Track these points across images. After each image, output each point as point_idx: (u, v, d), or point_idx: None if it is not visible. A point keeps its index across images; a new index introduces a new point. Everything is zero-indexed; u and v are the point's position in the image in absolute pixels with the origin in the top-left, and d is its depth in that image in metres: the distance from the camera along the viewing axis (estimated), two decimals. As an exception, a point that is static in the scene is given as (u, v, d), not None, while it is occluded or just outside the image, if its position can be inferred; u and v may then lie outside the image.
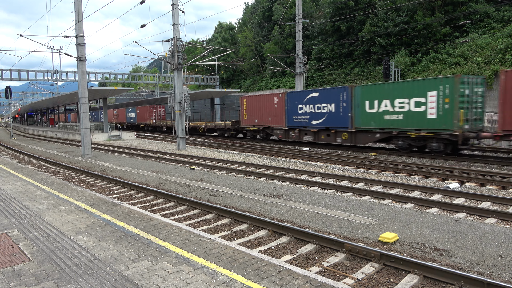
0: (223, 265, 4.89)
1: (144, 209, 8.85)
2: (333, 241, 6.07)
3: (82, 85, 19.73)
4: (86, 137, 19.89)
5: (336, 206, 8.43)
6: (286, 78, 47.26)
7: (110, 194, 10.96)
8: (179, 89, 22.32)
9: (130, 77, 57.75)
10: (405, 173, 12.96)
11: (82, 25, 19.03)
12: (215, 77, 57.74)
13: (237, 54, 58.11)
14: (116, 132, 35.44)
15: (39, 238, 6.11)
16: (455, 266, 5.23)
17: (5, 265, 5.03)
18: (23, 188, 10.55)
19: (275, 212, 8.11)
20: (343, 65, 40.54)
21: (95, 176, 13.76)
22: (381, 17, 35.13)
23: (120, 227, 6.61)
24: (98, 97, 40.69)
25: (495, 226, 6.89)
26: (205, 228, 7.47)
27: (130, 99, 73.19)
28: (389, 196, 9.48)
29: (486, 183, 10.91)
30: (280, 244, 6.42)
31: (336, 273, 5.23)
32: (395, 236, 6.24)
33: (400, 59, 32.82)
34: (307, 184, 11.44)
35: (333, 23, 40.51)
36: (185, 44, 22.36)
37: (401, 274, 5.16)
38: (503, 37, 27.56)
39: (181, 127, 22.62)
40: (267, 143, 25.80)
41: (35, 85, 66.32)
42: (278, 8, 48.60)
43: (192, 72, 66.46)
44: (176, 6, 21.33)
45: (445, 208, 8.39)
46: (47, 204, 8.47)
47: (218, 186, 11.20)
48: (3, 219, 7.29)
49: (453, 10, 32.28)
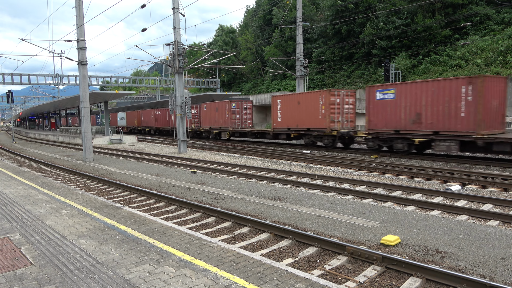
0: (225, 268, 4.88)
1: (146, 212, 8.85)
2: (334, 244, 6.06)
3: (83, 89, 19.80)
4: (88, 140, 19.93)
5: (338, 209, 8.42)
6: (287, 81, 47.34)
7: (111, 197, 10.96)
8: (180, 92, 22.36)
9: (131, 81, 57.96)
10: (407, 175, 12.95)
11: (83, 29, 19.12)
12: (216, 80, 57.87)
13: (238, 57, 58.26)
14: (117, 135, 35.50)
15: (41, 242, 6.11)
16: (457, 269, 5.21)
17: (7, 269, 5.03)
18: (25, 192, 10.56)
19: (276, 215, 8.10)
20: (344, 67, 40.60)
21: (96, 180, 13.77)
22: (382, 20, 35.20)
23: (121, 231, 6.62)
24: (99, 101, 40.85)
25: (497, 228, 6.87)
26: (206, 231, 7.47)
27: (131, 103, 73.36)
28: (390, 198, 9.47)
29: (488, 185, 10.88)
30: (282, 247, 6.41)
31: (338, 276, 5.22)
32: (397, 238, 6.23)
33: (400, 62, 32.87)
34: (309, 187, 11.43)
35: (334, 26, 40.61)
36: (186, 48, 22.42)
37: (403, 277, 5.15)
38: (504, 39, 27.58)
39: (182, 130, 22.65)
40: (269, 146, 25.77)
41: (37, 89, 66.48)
42: (278, 11, 48.76)
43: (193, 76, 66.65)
44: (177, 10, 21.41)
45: (447, 211, 8.37)
46: (49, 208, 8.48)
47: (220, 189, 11.20)
48: (5, 223, 7.30)
49: (453, 12, 32.33)
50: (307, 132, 23.12)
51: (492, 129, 15.27)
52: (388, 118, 17.95)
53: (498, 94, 15.49)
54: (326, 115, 21.54)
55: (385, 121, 18.09)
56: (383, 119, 18.20)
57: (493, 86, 15.27)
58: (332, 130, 21.35)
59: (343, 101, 22.03)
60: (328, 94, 21.44)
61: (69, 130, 44.64)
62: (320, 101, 21.93)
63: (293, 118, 24.08)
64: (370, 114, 18.81)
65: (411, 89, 16.94)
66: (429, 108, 16.13)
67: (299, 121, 23.62)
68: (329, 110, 21.41)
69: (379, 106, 18.35)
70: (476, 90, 14.68)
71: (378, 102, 18.43)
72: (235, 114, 31.73)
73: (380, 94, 18.39)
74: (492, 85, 15.17)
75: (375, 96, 18.58)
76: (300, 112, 23.41)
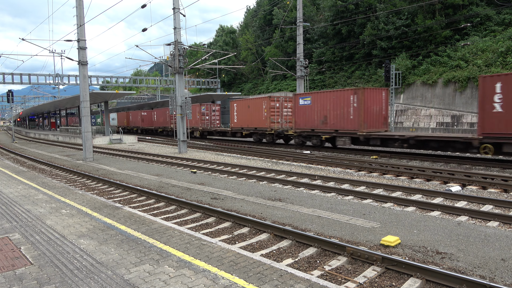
0: (225, 269, 4.88)
1: (146, 212, 8.85)
2: (334, 244, 6.05)
3: (83, 89, 19.80)
4: (88, 140, 19.93)
5: (338, 210, 8.42)
6: (287, 81, 47.35)
7: (111, 197, 10.96)
8: (180, 92, 22.36)
9: (131, 81, 57.99)
10: (407, 176, 12.94)
11: (83, 29, 19.12)
12: (216, 80, 57.89)
13: (238, 57, 58.28)
14: (118, 135, 35.50)
15: (41, 242, 6.11)
16: (457, 270, 5.21)
17: (6, 269, 5.03)
18: (25, 191, 10.56)
19: (276, 216, 8.10)
20: (344, 68, 40.60)
21: (96, 180, 13.77)
22: (382, 20, 35.20)
23: (121, 231, 6.61)
24: (100, 101, 40.85)
25: (497, 229, 6.87)
26: (206, 231, 7.47)
27: (131, 103, 73.43)
28: (390, 199, 9.46)
29: (488, 186, 10.88)
30: (282, 248, 6.41)
31: (338, 277, 5.22)
32: (397, 239, 6.22)
33: (401, 62, 32.87)
34: (309, 187, 11.43)
35: (334, 26, 40.62)
36: (186, 48, 22.42)
37: (403, 277, 5.15)
38: (504, 40, 27.59)
39: (182, 131, 22.65)
40: (269, 146, 25.82)
41: (37, 89, 66.54)
42: (279, 12, 48.77)
43: (193, 76, 66.67)
44: (177, 10, 21.41)
45: (447, 211, 8.37)
46: (49, 208, 8.48)
47: (219, 189, 11.20)
48: (5, 222, 7.29)
49: (454, 13, 32.33)
50: (255, 131, 27.82)
51: (374, 128, 19.55)
52: (307, 119, 22.37)
53: (379, 101, 19.74)
54: (267, 117, 26.14)
55: (305, 122, 22.53)
56: (304, 120, 22.62)
57: (374, 95, 19.52)
58: (272, 129, 26.06)
59: (282, 106, 26.58)
60: (269, 100, 26.03)
61: (69, 130, 44.65)
62: (263, 106, 26.34)
63: (245, 119, 28.76)
64: (296, 116, 23.27)
65: (321, 97, 21.46)
66: (332, 112, 20.67)
67: (249, 121, 28.17)
68: (269, 113, 25.97)
69: (301, 110, 22.73)
70: (359, 99, 18.98)
71: (300, 107, 22.80)
72: (205, 115, 36.76)
73: (302, 101, 22.68)
74: (372, 95, 19.40)
75: (298, 102, 22.85)
76: (250, 114, 27.96)
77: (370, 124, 19.25)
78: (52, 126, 66.13)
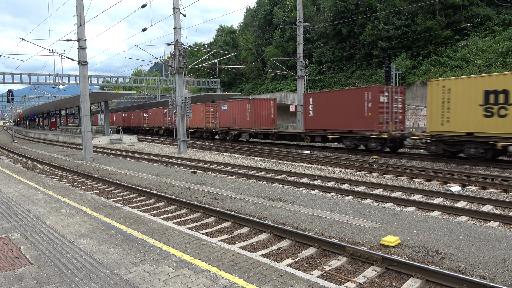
0: (225, 269, 4.88)
1: (145, 212, 8.85)
2: (334, 244, 6.05)
3: (83, 89, 19.80)
4: (88, 140, 19.92)
5: (338, 210, 8.42)
6: (287, 81, 47.33)
7: (111, 197, 10.96)
8: (180, 92, 22.35)
9: (131, 81, 57.94)
10: (407, 176, 12.94)
11: (84, 29, 19.12)
12: (216, 80, 57.89)
13: (238, 57, 58.24)
14: (118, 135, 35.50)
15: (40, 241, 6.10)
16: (457, 270, 5.20)
17: (6, 268, 5.02)
18: (25, 191, 10.56)
19: (276, 216, 8.09)
20: (344, 68, 40.57)
21: (96, 180, 13.76)
22: (382, 21, 35.19)
23: (121, 231, 6.61)
24: (100, 101, 40.85)
25: (497, 230, 6.87)
26: (206, 231, 7.46)
27: (131, 103, 73.44)
28: (390, 199, 9.46)
29: (488, 186, 10.88)
30: (282, 248, 6.40)
31: (337, 277, 5.22)
32: (397, 239, 6.22)
33: (401, 62, 32.85)
34: (309, 187, 11.43)
35: (334, 26, 40.60)
36: (186, 48, 22.42)
37: (403, 278, 5.14)
38: (504, 40, 27.58)
39: (182, 131, 22.65)
40: (269, 146, 25.81)
41: (37, 88, 66.52)
42: (279, 12, 48.74)
43: (193, 76, 66.66)
44: (178, 10, 21.40)
45: (447, 212, 8.36)
46: (48, 208, 8.48)
47: (219, 189, 11.19)
48: (5, 222, 7.29)
49: (454, 13, 32.32)
50: (197, 129, 35.48)
51: (264, 127, 27.79)
52: (226, 120, 30.75)
53: (268, 108, 28.13)
54: (204, 119, 33.56)
55: (225, 123, 30.84)
56: (225, 121, 30.84)
57: (263, 104, 27.97)
58: (207, 128, 33.90)
59: (215, 110, 32.29)
60: (205, 106, 33.30)
61: (69, 129, 44.63)
62: (201, 110, 33.95)
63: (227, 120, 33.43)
64: (219, 118, 31.60)
65: (232, 105, 29.64)
66: (238, 116, 28.92)
67: (195, 122, 35.08)
68: (206, 116, 33.46)
69: (223, 114, 31.11)
70: (251, 107, 27.26)
71: (222, 111, 31.17)
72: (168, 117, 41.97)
73: (223, 107, 30.95)
74: (262, 103, 27.84)
75: (221, 107, 31.17)
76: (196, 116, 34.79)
77: (260, 124, 27.61)
78: (52, 126, 66.13)
